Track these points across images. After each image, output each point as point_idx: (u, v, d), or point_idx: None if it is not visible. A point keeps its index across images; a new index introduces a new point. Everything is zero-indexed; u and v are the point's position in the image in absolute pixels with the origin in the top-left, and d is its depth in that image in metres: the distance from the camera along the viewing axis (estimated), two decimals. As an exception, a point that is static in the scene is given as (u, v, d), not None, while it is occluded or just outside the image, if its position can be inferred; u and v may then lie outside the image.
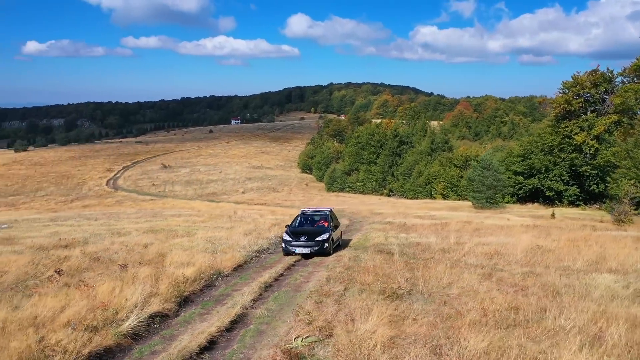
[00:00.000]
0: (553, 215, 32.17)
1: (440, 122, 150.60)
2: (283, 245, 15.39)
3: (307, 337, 7.37)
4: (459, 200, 57.28)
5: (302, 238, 15.13)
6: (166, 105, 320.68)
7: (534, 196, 49.21)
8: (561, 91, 48.82)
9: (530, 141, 50.35)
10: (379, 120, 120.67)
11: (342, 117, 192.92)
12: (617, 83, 46.66)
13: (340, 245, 17.50)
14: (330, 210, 17.69)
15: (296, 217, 17.56)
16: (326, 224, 16.29)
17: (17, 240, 19.03)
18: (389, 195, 78.12)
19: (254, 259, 14.97)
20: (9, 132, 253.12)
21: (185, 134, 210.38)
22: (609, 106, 45.88)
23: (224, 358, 6.94)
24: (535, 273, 11.51)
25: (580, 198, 47.03)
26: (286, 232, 15.71)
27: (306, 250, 14.90)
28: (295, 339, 7.39)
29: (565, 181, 46.87)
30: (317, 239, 15.09)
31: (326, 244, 15.07)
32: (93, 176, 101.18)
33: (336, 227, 17.09)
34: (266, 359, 6.61)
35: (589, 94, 47.42)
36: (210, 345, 7.38)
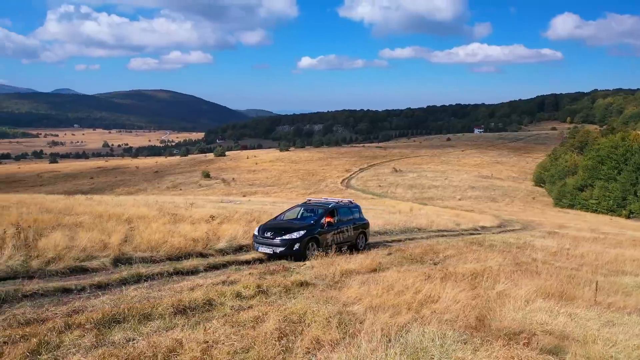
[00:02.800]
0: None
1: None
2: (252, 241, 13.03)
3: (306, 265, 10.94)
4: None
5: (268, 234, 12.46)
6: (412, 113, 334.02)
7: None
8: None
9: None
10: None
11: (603, 128, 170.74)
12: None
13: (360, 246, 14.47)
14: (340, 203, 14.79)
15: (292, 208, 15.31)
16: (328, 219, 13.40)
17: (227, 208, 26.50)
18: (627, 217, 68.40)
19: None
20: (280, 134, 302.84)
21: (423, 141, 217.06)
22: None
23: (256, 265, 11.07)
24: (577, 269, 12.18)
25: None
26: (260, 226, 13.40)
27: (268, 250, 12.14)
28: (302, 265, 11.05)
29: None
30: (284, 237, 12.22)
31: (297, 245, 12.05)
32: (332, 175, 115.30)
33: (337, 225, 13.62)
34: (269, 268, 10.46)
35: None
36: (254, 260, 11.60)
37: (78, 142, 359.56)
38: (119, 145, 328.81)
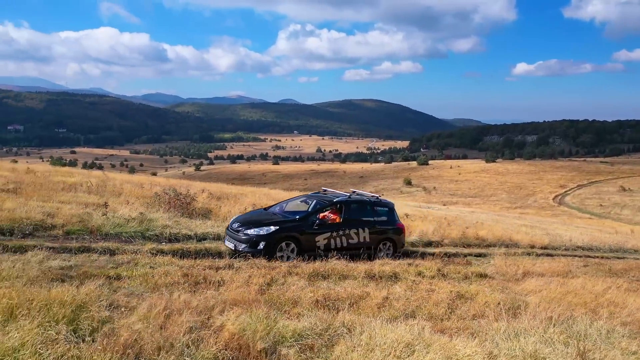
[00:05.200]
0: None
1: None
2: None
3: (490, 262, 11.46)
4: None
5: (235, 225, 10.31)
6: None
7: None
8: None
9: None
10: None
11: None
12: None
13: (381, 256, 11.00)
14: (355, 197, 11.76)
15: (297, 197, 13.04)
16: (332, 217, 11.04)
17: (422, 211, 27.57)
18: None
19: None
20: (488, 145, 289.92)
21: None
22: None
23: (441, 257, 12.07)
24: None
25: None
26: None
27: (230, 245, 9.95)
28: (485, 262, 11.61)
29: None
30: (249, 231, 9.86)
31: (262, 243, 9.61)
32: (543, 190, 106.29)
33: (341, 225, 10.75)
34: (452, 260, 11.30)
35: None
36: (441, 253, 12.57)
37: (296, 146, 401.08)
38: (330, 151, 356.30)
